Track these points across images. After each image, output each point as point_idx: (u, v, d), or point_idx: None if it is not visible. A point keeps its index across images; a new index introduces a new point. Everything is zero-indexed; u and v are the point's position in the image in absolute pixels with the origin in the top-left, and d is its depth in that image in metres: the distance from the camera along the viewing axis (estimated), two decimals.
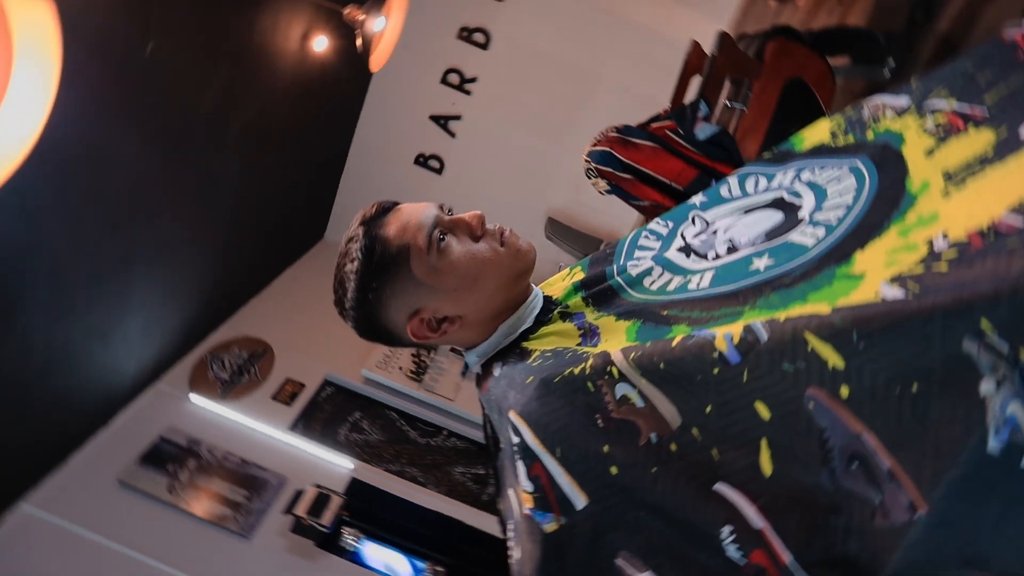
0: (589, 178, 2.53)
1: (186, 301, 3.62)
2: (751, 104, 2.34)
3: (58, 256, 2.42)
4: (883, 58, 2.36)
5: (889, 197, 0.74)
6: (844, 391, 0.58)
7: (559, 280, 0.97)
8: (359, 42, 2.92)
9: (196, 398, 3.69)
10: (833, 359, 0.58)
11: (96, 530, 2.85)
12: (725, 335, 0.64)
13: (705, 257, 0.85)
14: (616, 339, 0.78)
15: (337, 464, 3.69)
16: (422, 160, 5.42)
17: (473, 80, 5.17)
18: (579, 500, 0.70)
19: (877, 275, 0.63)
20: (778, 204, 0.87)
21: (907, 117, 0.84)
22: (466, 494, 3.94)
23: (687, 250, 0.89)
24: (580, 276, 0.95)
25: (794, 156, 0.96)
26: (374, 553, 3.28)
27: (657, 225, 0.99)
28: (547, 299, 0.92)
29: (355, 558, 3.21)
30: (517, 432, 0.74)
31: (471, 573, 3.37)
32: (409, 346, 0.92)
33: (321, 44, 3.69)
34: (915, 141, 0.80)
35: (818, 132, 0.96)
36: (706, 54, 2.92)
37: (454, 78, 5.17)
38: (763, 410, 0.62)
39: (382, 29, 2.91)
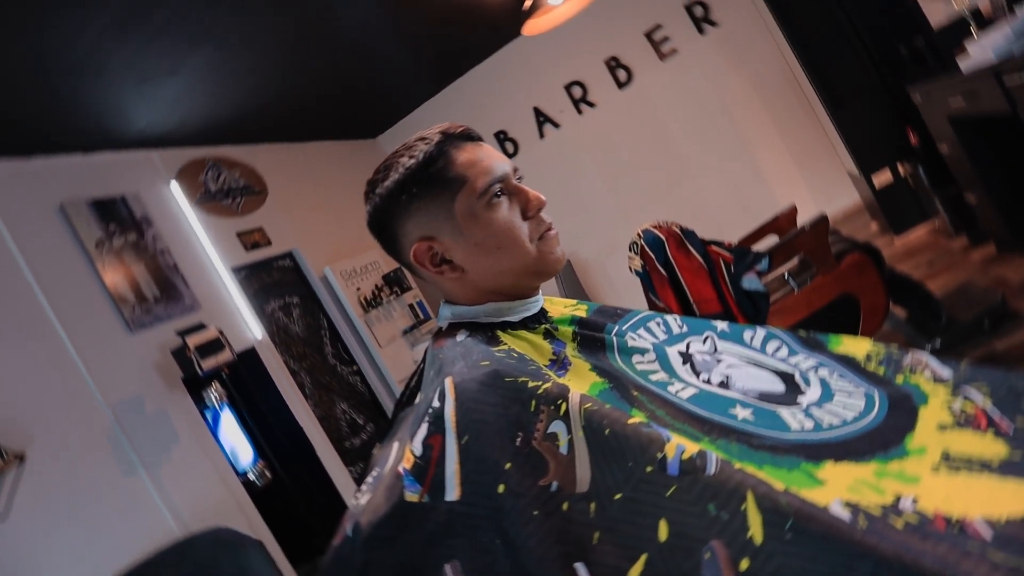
0: (630, 251, 2.54)
1: (228, 102, 3.57)
2: (804, 290, 2.35)
3: None
4: (934, 334, 2.39)
5: (884, 438, 0.74)
6: (744, 564, 0.57)
7: (562, 305, 0.96)
8: (528, 2, 2.92)
9: (175, 188, 3.64)
10: (755, 530, 0.57)
11: (7, 225, 2.78)
12: (679, 445, 0.63)
13: (698, 375, 0.85)
14: (580, 384, 0.77)
15: (249, 328, 3.64)
16: (502, 136, 5.42)
17: (591, 105, 5.19)
18: (452, 492, 0.68)
19: (836, 490, 0.63)
20: (786, 378, 0.87)
21: (940, 387, 0.85)
22: (335, 430, 3.90)
23: (686, 358, 0.88)
24: (582, 313, 0.93)
25: (824, 350, 0.96)
26: (224, 421, 3.22)
27: (673, 321, 0.98)
28: (543, 311, 0.90)
29: (205, 412, 3.15)
30: (442, 398, 0.72)
31: (289, 493, 3.31)
32: (401, 262, 0.90)
33: None
34: (935, 410, 0.80)
35: (856, 346, 0.96)
36: (796, 223, 2.95)
37: (577, 91, 5.19)
38: (663, 531, 0.61)
39: (557, 5, 2.91)
